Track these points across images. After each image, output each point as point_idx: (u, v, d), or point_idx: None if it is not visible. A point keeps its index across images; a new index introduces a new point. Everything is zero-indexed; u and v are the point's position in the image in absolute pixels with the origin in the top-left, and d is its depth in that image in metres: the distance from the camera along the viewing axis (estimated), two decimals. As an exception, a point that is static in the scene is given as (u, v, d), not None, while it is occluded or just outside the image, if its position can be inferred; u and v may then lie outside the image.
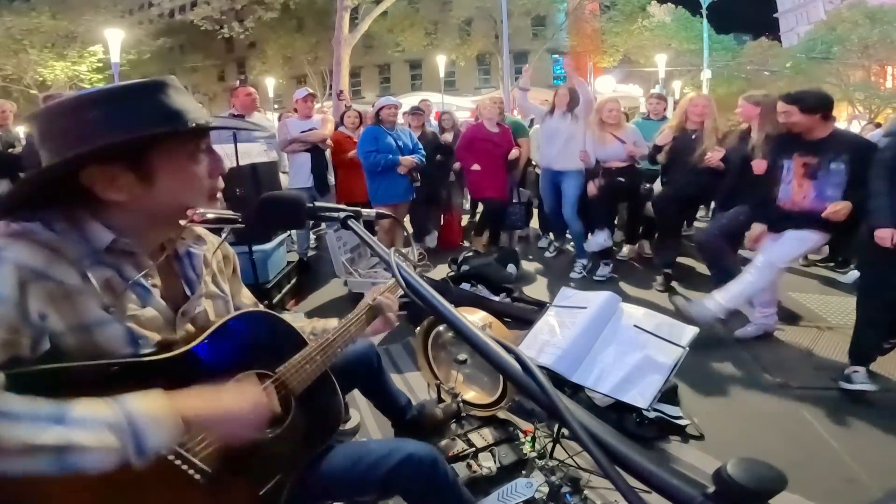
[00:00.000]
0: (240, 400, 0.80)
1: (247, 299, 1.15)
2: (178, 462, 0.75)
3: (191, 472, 0.76)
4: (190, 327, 0.91)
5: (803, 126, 2.60)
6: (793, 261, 2.93)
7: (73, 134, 0.75)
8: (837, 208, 2.48)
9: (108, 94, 0.77)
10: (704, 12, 17.78)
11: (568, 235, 4.78)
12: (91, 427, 0.63)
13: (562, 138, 4.11)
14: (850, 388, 2.37)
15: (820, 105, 2.58)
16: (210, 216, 0.94)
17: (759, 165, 2.89)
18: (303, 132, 4.28)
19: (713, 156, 3.27)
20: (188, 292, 0.94)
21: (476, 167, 4.58)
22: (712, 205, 4.39)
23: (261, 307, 1.15)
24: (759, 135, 3.05)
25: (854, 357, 2.46)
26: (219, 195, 0.90)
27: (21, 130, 4.72)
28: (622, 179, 3.93)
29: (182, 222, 0.94)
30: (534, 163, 5.04)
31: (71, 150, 0.74)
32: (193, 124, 0.80)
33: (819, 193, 2.60)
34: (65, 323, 0.74)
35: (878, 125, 4.74)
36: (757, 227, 2.83)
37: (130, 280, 0.82)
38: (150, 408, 0.68)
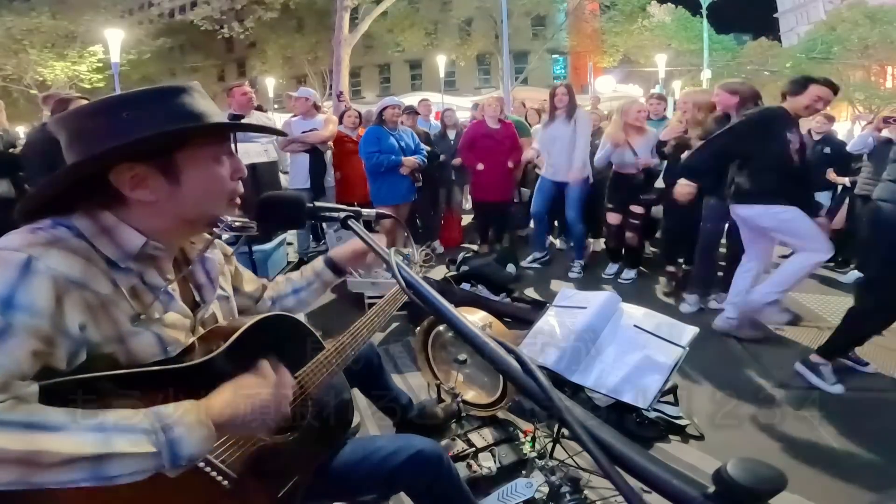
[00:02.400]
0: (264, 385, 0.80)
1: (250, 284, 1.16)
2: (206, 468, 0.76)
3: (219, 477, 0.78)
4: (201, 329, 0.92)
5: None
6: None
7: (106, 132, 0.75)
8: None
9: (140, 94, 0.78)
10: (704, 12, 17.77)
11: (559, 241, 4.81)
12: (128, 433, 0.63)
13: (564, 146, 4.00)
14: (816, 385, 2.43)
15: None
16: (236, 224, 0.93)
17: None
18: (304, 132, 4.28)
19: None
20: (197, 296, 0.95)
21: (480, 166, 4.50)
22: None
23: (265, 283, 1.16)
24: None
25: (825, 352, 2.49)
26: (238, 200, 0.89)
27: (21, 130, 4.72)
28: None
29: (213, 229, 0.94)
30: (534, 166, 5.03)
31: (103, 147, 0.74)
32: (218, 122, 0.82)
33: None
34: (101, 334, 0.73)
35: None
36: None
37: (157, 286, 0.82)
38: (183, 415, 0.68)
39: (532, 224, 5.13)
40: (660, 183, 4.17)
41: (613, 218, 3.98)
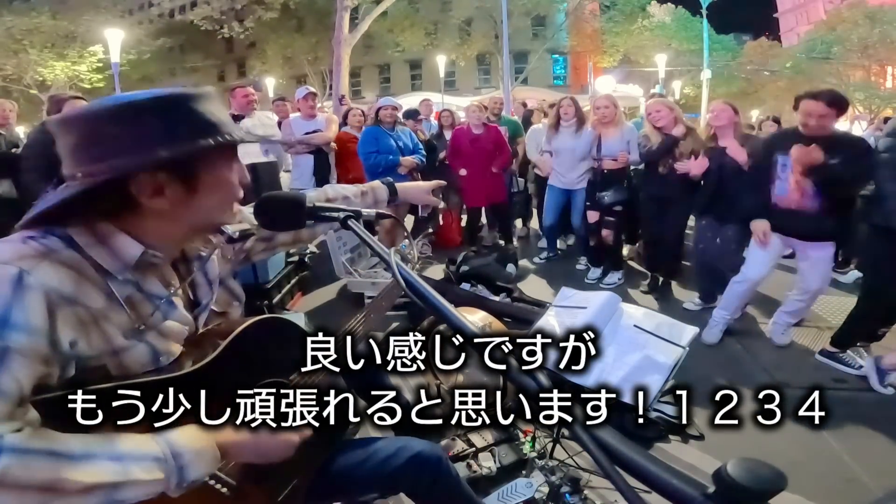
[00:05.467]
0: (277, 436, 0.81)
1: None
2: (205, 478, 0.76)
3: (218, 486, 0.79)
4: (201, 329, 0.91)
5: (827, 125, 2.51)
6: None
7: (130, 140, 0.71)
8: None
9: (158, 100, 0.74)
10: (704, 12, 17.76)
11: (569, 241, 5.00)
12: (141, 461, 0.66)
13: (572, 156, 4.04)
14: (843, 371, 2.57)
15: (845, 107, 2.57)
16: (237, 235, 0.92)
17: (700, 164, 3.13)
18: (307, 133, 4.27)
19: (683, 165, 3.21)
20: (191, 295, 0.93)
21: (463, 172, 4.53)
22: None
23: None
24: (734, 139, 3.02)
25: (837, 343, 2.63)
26: (237, 206, 0.89)
27: (21, 131, 4.71)
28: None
29: (213, 239, 0.93)
30: (532, 166, 5.03)
31: (129, 156, 0.70)
32: (239, 137, 0.80)
33: (818, 190, 2.52)
34: (93, 349, 0.72)
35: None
36: (760, 224, 2.69)
37: (155, 295, 0.81)
38: (192, 441, 0.70)
39: (538, 224, 5.32)
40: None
41: (592, 215, 3.97)
